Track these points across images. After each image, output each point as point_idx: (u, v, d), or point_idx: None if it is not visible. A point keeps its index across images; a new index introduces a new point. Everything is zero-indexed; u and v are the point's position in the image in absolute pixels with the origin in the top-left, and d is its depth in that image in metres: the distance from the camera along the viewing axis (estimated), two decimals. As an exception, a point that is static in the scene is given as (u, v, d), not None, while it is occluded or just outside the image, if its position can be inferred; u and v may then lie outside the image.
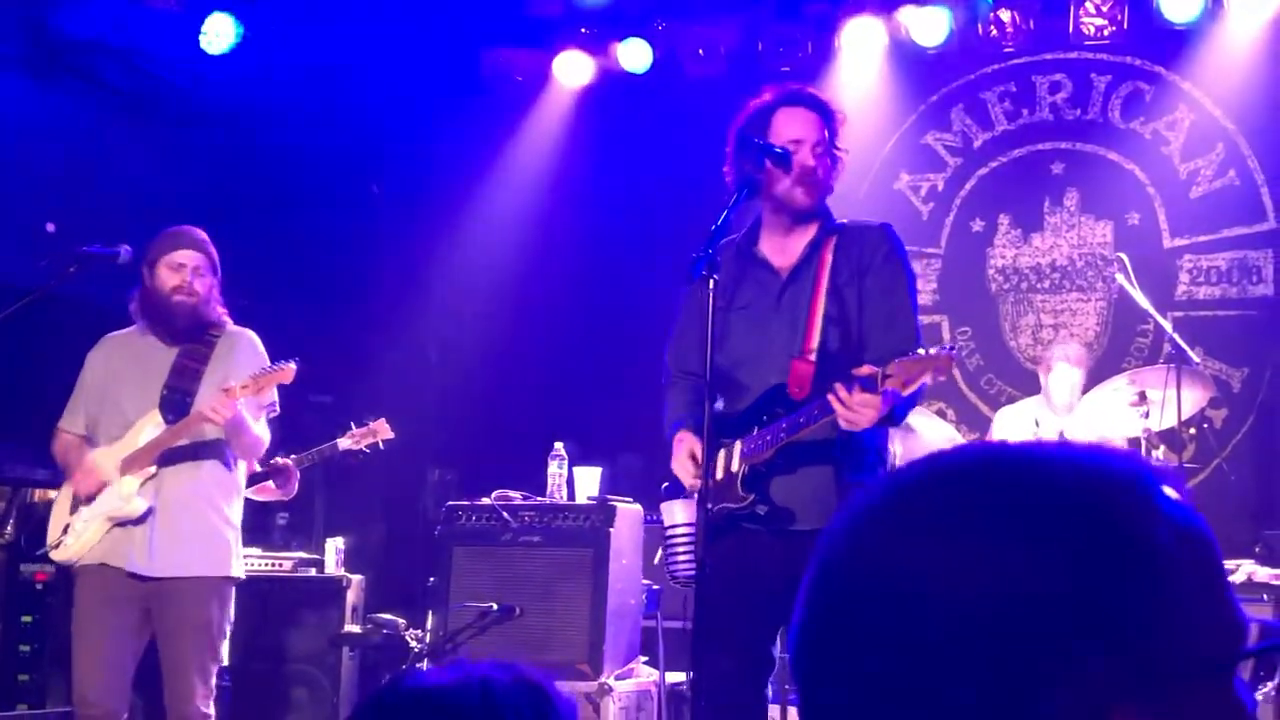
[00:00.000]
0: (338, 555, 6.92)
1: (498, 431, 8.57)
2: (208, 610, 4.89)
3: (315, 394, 8.13)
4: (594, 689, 5.62)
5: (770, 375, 3.90)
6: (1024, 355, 8.34)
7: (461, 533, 6.06)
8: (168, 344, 5.03)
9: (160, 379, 4.98)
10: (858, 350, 3.88)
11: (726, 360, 3.93)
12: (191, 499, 4.93)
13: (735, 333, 3.97)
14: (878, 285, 3.92)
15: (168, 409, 4.93)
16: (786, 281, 3.97)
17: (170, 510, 4.90)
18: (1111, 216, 8.30)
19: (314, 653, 6.64)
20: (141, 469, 4.87)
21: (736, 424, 3.93)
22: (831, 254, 3.92)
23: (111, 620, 4.86)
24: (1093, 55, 8.36)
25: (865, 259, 3.93)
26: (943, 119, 8.65)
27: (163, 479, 4.90)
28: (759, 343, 3.95)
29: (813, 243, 3.96)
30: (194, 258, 5.00)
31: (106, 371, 5.07)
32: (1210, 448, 7.57)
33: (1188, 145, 8.18)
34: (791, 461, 3.82)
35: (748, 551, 3.82)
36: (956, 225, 8.59)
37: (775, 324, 3.95)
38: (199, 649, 4.86)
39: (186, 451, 4.92)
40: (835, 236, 3.96)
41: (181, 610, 4.86)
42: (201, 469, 4.95)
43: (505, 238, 8.82)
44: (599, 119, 8.88)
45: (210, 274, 5.04)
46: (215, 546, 4.95)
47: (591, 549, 5.87)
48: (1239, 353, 7.96)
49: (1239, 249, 8.05)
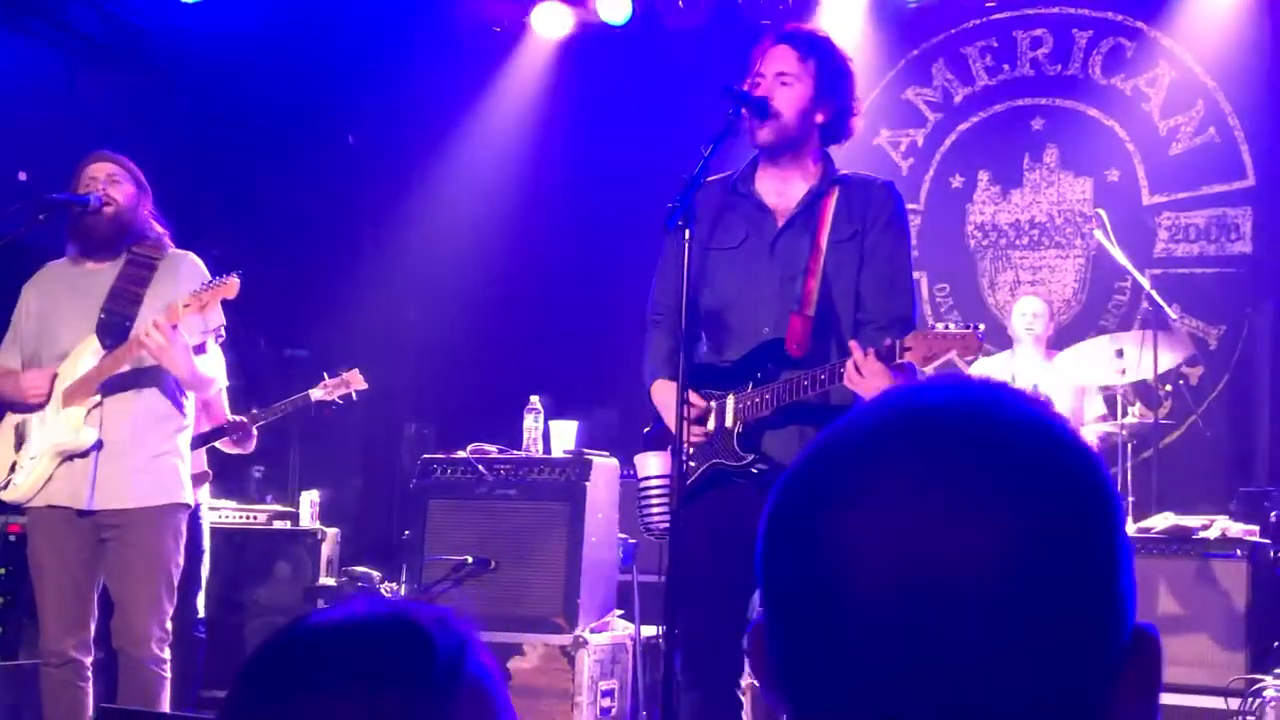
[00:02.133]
0: (313, 508, 6.90)
1: (474, 385, 8.55)
2: (160, 541, 4.65)
3: (291, 348, 8.12)
4: (569, 642, 5.62)
5: (763, 324, 3.79)
6: (1001, 312, 8.32)
7: (437, 486, 6.04)
8: (98, 261, 4.81)
9: (98, 304, 4.75)
10: (854, 310, 3.79)
11: (714, 301, 3.85)
12: (136, 429, 4.69)
13: (722, 272, 3.86)
14: (880, 248, 3.80)
15: (105, 334, 4.70)
16: (784, 227, 3.84)
17: (114, 441, 4.66)
18: (1091, 173, 8.28)
19: (288, 605, 6.62)
20: (85, 398, 4.66)
21: (727, 375, 3.83)
22: (833, 206, 3.81)
23: (66, 565, 4.66)
24: (1074, 10, 8.32)
25: (869, 217, 3.81)
26: (924, 74, 8.61)
27: (106, 408, 4.68)
28: (749, 287, 3.83)
29: (814, 191, 3.84)
30: (106, 167, 4.79)
31: (41, 302, 4.86)
32: (1186, 404, 7.59)
33: (1168, 102, 8.16)
34: (784, 418, 3.73)
35: (730, 505, 3.75)
36: (936, 181, 8.57)
37: (768, 270, 3.82)
38: (150, 584, 4.62)
39: (129, 380, 4.69)
40: (838, 188, 3.84)
41: (130, 542, 4.63)
42: (145, 395, 4.71)
43: (482, 190, 8.76)
44: (578, 71, 8.82)
45: (129, 183, 4.81)
46: (162, 473, 4.70)
47: (567, 503, 5.85)
48: (1216, 310, 7.97)
49: (1218, 206, 8.05)
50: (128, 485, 4.66)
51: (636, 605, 6.01)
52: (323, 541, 6.72)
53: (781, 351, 3.71)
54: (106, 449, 4.67)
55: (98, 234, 4.79)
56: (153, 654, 4.62)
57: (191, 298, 4.58)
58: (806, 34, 3.91)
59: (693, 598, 3.61)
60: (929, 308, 8.51)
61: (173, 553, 4.70)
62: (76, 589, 4.69)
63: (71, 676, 4.66)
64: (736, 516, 3.61)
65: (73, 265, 4.88)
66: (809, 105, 3.79)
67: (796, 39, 3.83)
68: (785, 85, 3.78)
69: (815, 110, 3.81)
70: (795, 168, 3.87)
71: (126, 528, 4.64)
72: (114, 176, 4.79)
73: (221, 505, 6.64)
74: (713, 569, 3.65)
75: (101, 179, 4.78)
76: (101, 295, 4.78)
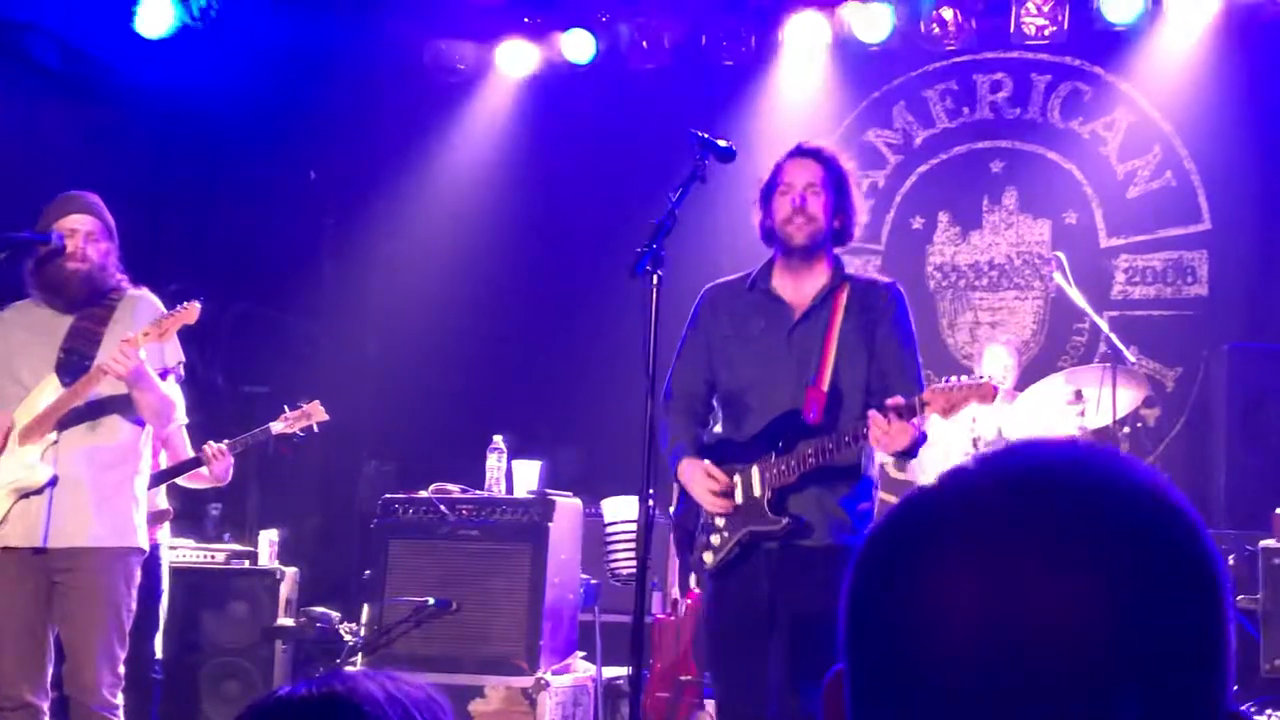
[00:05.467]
0: (271, 548, 6.84)
1: (436, 424, 8.52)
2: (111, 585, 4.58)
3: (250, 384, 8.06)
4: (530, 684, 5.59)
5: (782, 402, 4.09)
6: (960, 353, 8.38)
7: (398, 525, 6.01)
8: (64, 312, 4.76)
9: (58, 342, 4.70)
10: (865, 394, 4.10)
11: (733, 383, 4.18)
12: (92, 467, 4.63)
13: (743, 359, 4.17)
14: (889, 342, 4.15)
15: (65, 372, 4.65)
16: (800, 320, 4.15)
17: (70, 479, 4.60)
18: (1049, 215, 8.36)
19: (246, 645, 6.57)
20: (42, 435, 4.60)
21: (748, 448, 4.10)
22: (845, 301, 4.14)
23: (19, 608, 4.57)
24: (1033, 55, 8.42)
25: (876, 314, 4.16)
26: (884, 116, 8.68)
27: (62, 445, 4.62)
28: (769, 373, 4.13)
29: (827, 288, 4.16)
30: (86, 222, 4.74)
31: (4, 342, 4.80)
32: (1143, 446, 7.65)
33: (1125, 146, 8.25)
34: (803, 482, 4.00)
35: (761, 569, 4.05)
36: (896, 222, 8.63)
37: (786, 357, 4.13)
38: (102, 629, 4.55)
39: (86, 414, 4.64)
40: (847, 286, 4.18)
41: (82, 585, 4.55)
42: (102, 433, 4.66)
43: (446, 228, 8.75)
44: (542, 109, 8.84)
45: (105, 239, 4.76)
46: (117, 516, 4.64)
47: (530, 543, 5.83)
48: (1173, 352, 8.05)
49: (1174, 249, 8.14)
50: (83, 524, 4.60)
51: (599, 646, 5.99)
52: (281, 581, 6.67)
53: (799, 421, 4.02)
54: (61, 486, 4.61)
55: (69, 291, 4.75)
56: (104, 700, 4.55)
57: (152, 326, 4.56)
58: (826, 152, 4.29)
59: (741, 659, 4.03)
60: (889, 348, 8.54)
61: (124, 598, 4.64)
62: (31, 633, 4.62)
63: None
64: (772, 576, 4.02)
65: (33, 306, 4.84)
66: (831, 212, 4.17)
67: (819, 156, 4.24)
68: (815, 195, 4.14)
69: (835, 216, 4.19)
70: (811, 268, 4.20)
71: (78, 570, 4.58)
72: (92, 235, 4.74)
73: (180, 544, 6.57)
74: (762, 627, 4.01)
75: (81, 234, 4.73)
76: (61, 334, 4.74)
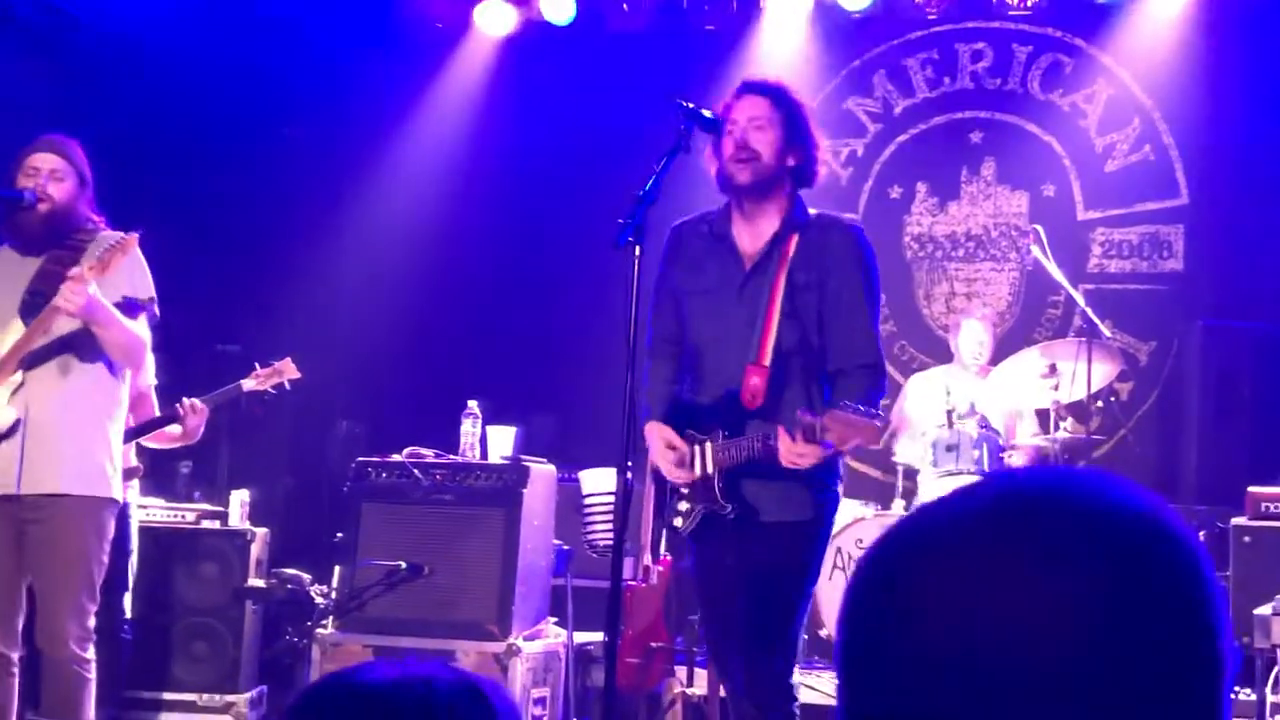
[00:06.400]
0: (243, 508, 6.80)
1: (409, 387, 8.48)
2: (82, 536, 4.54)
3: (223, 343, 7.99)
4: (502, 650, 5.59)
5: (731, 371, 3.93)
6: (936, 323, 8.39)
7: (371, 489, 5.98)
8: (30, 254, 4.71)
9: (23, 287, 4.65)
10: (819, 354, 3.93)
11: (694, 339, 4.03)
12: (63, 409, 4.57)
13: (698, 314, 4.02)
14: (841, 295, 3.92)
15: (28, 313, 4.58)
16: (750, 273, 3.96)
17: (39, 421, 4.53)
18: (1027, 187, 8.36)
19: (216, 606, 6.53)
20: (6, 377, 4.53)
21: (704, 418, 3.99)
22: (794, 250, 3.90)
23: None
24: (1015, 26, 8.39)
25: (829, 262, 3.92)
26: (865, 84, 8.64)
27: (30, 387, 4.55)
28: (722, 331, 3.98)
29: (776, 235, 3.94)
30: (50, 160, 4.68)
31: None
32: (1116, 419, 7.68)
33: (1105, 119, 8.25)
34: (749, 469, 3.91)
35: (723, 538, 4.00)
36: (874, 191, 8.61)
37: (735, 315, 3.95)
38: (72, 582, 4.50)
39: (54, 356, 4.57)
40: (799, 232, 3.94)
41: (53, 534, 4.51)
42: (72, 377, 4.59)
43: (421, 188, 8.68)
44: (520, 70, 8.77)
45: (71, 179, 4.69)
46: (89, 462, 4.58)
47: (503, 509, 5.81)
48: (1147, 326, 8.08)
49: (1151, 224, 8.16)
50: (55, 469, 4.54)
51: (570, 612, 5.99)
52: (252, 542, 6.63)
53: (739, 403, 3.87)
54: (33, 431, 4.55)
55: (29, 230, 4.69)
56: (73, 653, 4.51)
57: (95, 261, 4.47)
58: (773, 84, 4.03)
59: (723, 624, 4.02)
60: (865, 317, 8.54)
61: (96, 550, 4.60)
62: (2, 581, 4.58)
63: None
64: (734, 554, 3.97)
65: (4, 254, 4.78)
66: (782, 148, 3.92)
67: (765, 89, 3.99)
68: (759, 129, 3.90)
69: (787, 153, 3.94)
70: (766, 211, 3.96)
71: (48, 520, 4.53)
72: (56, 173, 4.68)
73: (150, 503, 6.53)
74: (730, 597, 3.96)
75: (44, 173, 4.68)
76: (28, 277, 4.69)
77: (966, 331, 7.36)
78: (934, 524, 0.89)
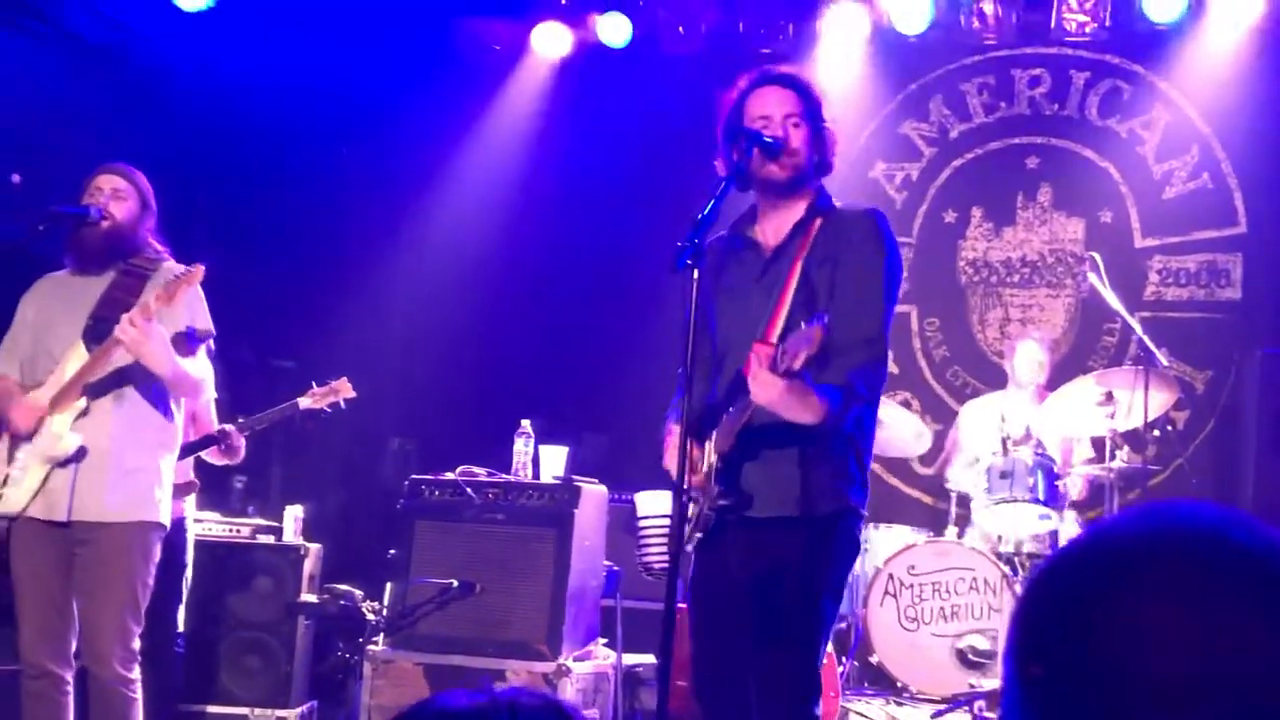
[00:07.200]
0: (296, 523, 6.85)
1: (463, 405, 8.52)
2: (127, 559, 4.57)
3: (278, 358, 8.07)
4: (552, 670, 5.59)
5: (742, 355, 3.67)
6: (990, 349, 8.35)
7: (424, 507, 6.00)
8: (93, 274, 4.77)
9: (88, 312, 4.71)
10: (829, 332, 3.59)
11: (722, 337, 3.86)
12: (117, 439, 4.62)
13: (723, 315, 3.88)
14: (850, 273, 3.75)
15: (92, 339, 4.64)
16: (769, 260, 3.84)
17: (94, 452, 4.59)
18: (1084, 214, 8.32)
19: (269, 621, 6.56)
20: (70, 404, 4.60)
21: (712, 415, 3.82)
22: (815, 235, 3.80)
23: (43, 579, 4.61)
24: (1073, 52, 8.36)
25: (842, 242, 3.79)
26: (921, 109, 8.63)
27: (90, 417, 4.61)
28: (741, 317, 3.83)
29: (799, 222, 3.84)
30: (114, 180, 4.76)
31: (38, 313, 4.82)
32: (1172, 449, 7.61)
33: (1163, 146, 8.20)
34: (753, 449, 3.70)
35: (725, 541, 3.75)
36: (929, 215, 8.59)
37: (754, 302, 3.82)
38: (115, 603, 4.55)
39: (114, 384, 4.62)
40: (822, 218, 3.84)
41: (97, 558, 4.55)
42: (128, 405, 4.64)
43: (476, 208, 8.74)
44: (576, 92, 8.81)
45: (133, 200, 4.77)
46: (136, 488, 4.62)
47: (555, 529, 5.82)
48: (1204, 355, 8.01)
49: (1209, 252, 8.09)
50: (102, 498, 4.60)
51: (620, 633, 5.99)
52: (305, 557, 6.67)
53: (743, 381, 3.60)
54: (86, 458, 4.61)
55: (91, 246, 4.76)
56: (116, 674, 4.55)
57: (161, 290, 4.52)
58: (798, 77, 3.92)
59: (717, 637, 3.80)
60: (919, 341, 8.52)
61: (141, 572, 4.63)
62: (53, 603, 4.63)
63: (49, 689, 4.61)
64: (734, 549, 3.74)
65: (68, 277, 4.86)
66: (813, 142, 3.85)
67: (792, 82, 3.87)
68: (796, 128, 3.82)
69: (817, 147, 3.87)
70: (793, 205, 3.87)
71: (95, 544, 4.58)
72: (119, 192, 4.77)
73: (205, 517, 6.59)
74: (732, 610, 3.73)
75: (106, 192, 4.76)
76: (92, 302, 4.75)
77: (1023, 352, 7.31)
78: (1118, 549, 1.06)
